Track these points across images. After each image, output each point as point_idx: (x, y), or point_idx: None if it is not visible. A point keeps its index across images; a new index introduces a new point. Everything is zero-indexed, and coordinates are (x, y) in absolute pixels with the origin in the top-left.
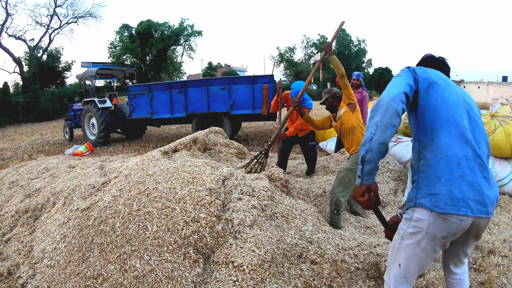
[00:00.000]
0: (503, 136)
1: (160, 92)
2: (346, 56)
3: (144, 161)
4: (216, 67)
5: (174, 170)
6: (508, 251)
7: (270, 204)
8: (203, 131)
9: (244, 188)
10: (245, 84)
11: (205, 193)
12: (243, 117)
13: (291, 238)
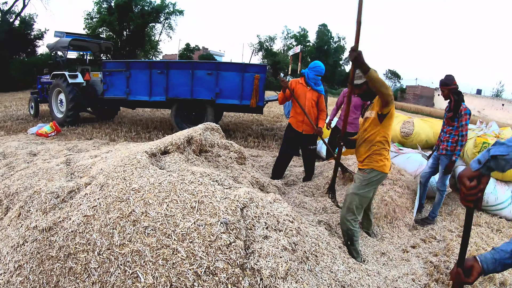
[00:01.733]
0: None
1: (139, 72)
2: (325, 51)
3: (126, 166)
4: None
5: (170, 188)
6: None
7: (299, 240)
8: (198, 128)
9: (269, 220)
10: (234, 72)
11: (220, 228)
12: (228, 107)
13: (325, 286)
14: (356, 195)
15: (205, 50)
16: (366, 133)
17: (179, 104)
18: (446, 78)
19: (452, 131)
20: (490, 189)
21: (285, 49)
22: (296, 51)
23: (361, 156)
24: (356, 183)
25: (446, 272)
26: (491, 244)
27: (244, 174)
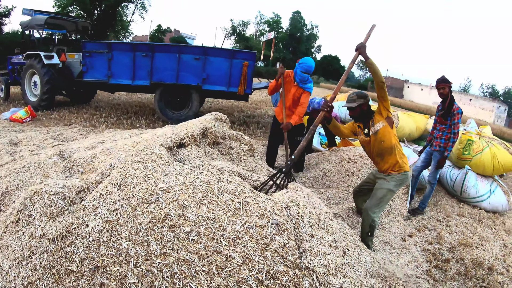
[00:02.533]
0: (488, 157)
1: (122, 54)
2: (298, 38)
3: (145, 162)
4: (165, 31)
5: (206, 187)
6: (502, 268)
7: (338, 236)
8: (209, 119)
9: (312, 219)
10: (223, 58)
11: (272, 230)
12: (214, 94)
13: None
14: (390, 191)
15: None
16: (383, 144)
17: (164, 89)
18: (444, 76)
19: (445, 129)
20: (472, 182)
21: (258, 35)
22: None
23: (387, 164)
24: (390, 180)
25: (441, 258)
26: (476, 233)
27: (258, 167)
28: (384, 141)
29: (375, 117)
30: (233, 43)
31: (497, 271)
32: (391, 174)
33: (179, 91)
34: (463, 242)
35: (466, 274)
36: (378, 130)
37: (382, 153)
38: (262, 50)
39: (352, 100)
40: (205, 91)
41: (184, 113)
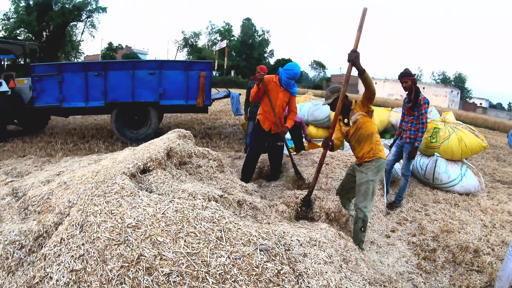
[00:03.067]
0: (456, 142)
1: (73, 75)
2: (250, 45)
3: (107, 194)
4: (116, 48)
5: (180, 217)
6: (488, 248)
7: (334, 252)
8: (172, 137)
9: (300, 236)
10: (179, 70)
11: (262, 257)
12: (173, 108)
13: None
14: (372, 181)
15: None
16: (362, 131)
17: (120, 108)
18: (406, 70)
19: (414, 120)
20: (442, 169)
21: (210, 44)
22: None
23: (366, 152)
24: (367, 172)
25: (428, 249)
26: (455, 217)
27: (231, 184)
28: (362, 128)
29: (356, 108)
30: (186, 55)
31: (483, 252)
32: (366, 164)
33: (136, 109)
34: (445, 229)
35: (454, 261)
36: (357, 119)
37: (360, 140)
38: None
39: (327, 97)
40: (163, 107)
41: (143, 131)
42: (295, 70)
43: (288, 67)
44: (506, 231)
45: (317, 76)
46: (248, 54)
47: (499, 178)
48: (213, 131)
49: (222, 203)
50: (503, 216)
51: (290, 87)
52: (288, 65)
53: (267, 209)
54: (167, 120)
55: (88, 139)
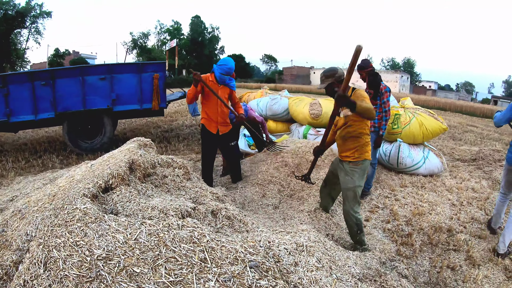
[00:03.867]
0: (417, 126)
1: (19, 86)
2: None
3: (68, 223)
4: (64, 54)
5: (156, 242)
6: (460, 226)
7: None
8: (133, 148)
9: (286, 243)
10: (131, 73)
11: (253, 274)
12: (127, 114)
13: None
14: (359, 187)
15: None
16: (351, 129)
17: (71, 118)
18: (362, 62)
19: (376, 109)
20: (406, 153)
21: (160, 44)
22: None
23: (350, 150)
24: (353, 176)
25: (404, 234)
26: (424, 200)
27: (201, 192)
28: (351, 126)
29: None
30: (136, 56)
31: (456, 230)
32: (351, 165)
33: (89, 118)
34: (416, 212)
35: (431, 242)
36: (348, 116)
37: (346, 137)
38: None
39: (322, 81)
40: (117, 113)
41: (98, 141)
42: (229, 65)
43: (221, 63)
44: (474, 208)
45: (268, 70)
46: (199, 52)
47: (458, 157)
48: (170, 133)
49: (196, 216)
50: (468, 193)
51: (227, 82)
52: (221, 60)
53: (242, 215)
54: (121, 126)
55: (40, 154)
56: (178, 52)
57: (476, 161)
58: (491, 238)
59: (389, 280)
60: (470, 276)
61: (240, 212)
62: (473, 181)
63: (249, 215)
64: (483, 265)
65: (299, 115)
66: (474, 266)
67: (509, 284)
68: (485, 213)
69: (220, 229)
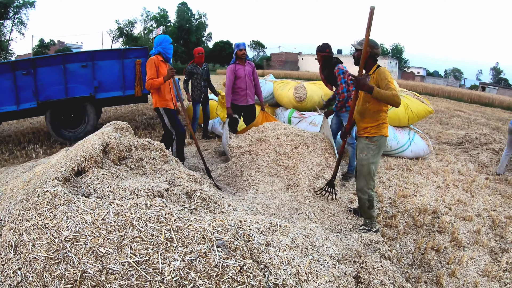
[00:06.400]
0: (402, 109)
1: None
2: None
3: (38, 206)
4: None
5: (123, 222)
6: (445, 208)
7: (298, 236)
8: (108, 131)
9: (258, 223)
10: (113, 60)
11: (220, 254)
12: (111, 101)
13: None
14: (373, 164)
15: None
16: (370, 106)
17: (54, 107)
18: (322, 45)
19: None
20: (391, 136)
21: (146, 32)
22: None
23: (368, 126)
24: (368, 152)
25: (388, 216)
26: (409, 182)
27: (177, 174)
28: (369, 103)
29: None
30: (122, 45)
31: (441, 212)
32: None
33: (72, 106)
34: (401, 194)
35: (415, 224)
36: None
37: (364, 113)
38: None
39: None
40: (100, 101)
41: (82, 129)
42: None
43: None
44: (459, 190)
45: (257, 56)
46: (186, 39)
47: (445, 140)
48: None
49: (169, 197)
50: (454, 176)
51: None
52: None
53: (219, 196)
54: (106, 114)
55: (24, 145)
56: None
57: (462, 145)
58: (477, 220)
59: (369, 261)
60: (455, 257)
61: (217, 193)
62: (459, 164)
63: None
64: (468, 246)
65: (284, 98)
66: (459, 247)
67: (494, 266)
68: (471, 195)
69: (194, 210)
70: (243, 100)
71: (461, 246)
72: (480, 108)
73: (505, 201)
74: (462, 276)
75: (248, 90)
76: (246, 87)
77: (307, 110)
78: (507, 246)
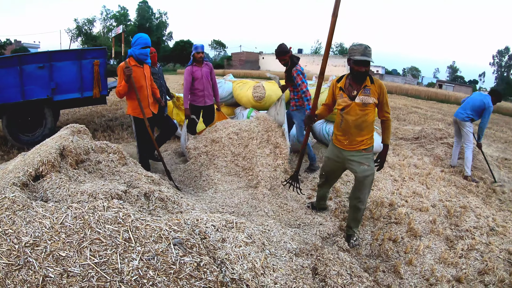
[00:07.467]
0: None
1: None
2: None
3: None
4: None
5: (81, 225)
6: (401, 200)
7: (254, 231)
8: (64, 134)
9: (215, 220)
10: (70, 60)
11: (177, 251)
12: (69, 103)
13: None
14: (374, 174)
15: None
16: (367, 117)
17: (11, 111)
18: (281, 47)
19: (294, 90)
20: None
21: (106, 31)
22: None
23: (364, 138)
24: (370, 163)
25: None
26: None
27: (136, 175)
28: (368, 115)
29: (372, 89)
30: (81, 44)
31: (397, 204)
32: (364, 152)
33: (29, 110)
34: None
35: (373, 217)
36: (370, 103)
37: (362, 127)
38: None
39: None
40: (58, 103)
41: (39, 133)
42: (143, 37)
43: (136, 40)
44: (415, 183)
45: (218, 56)
46: None
47: (402, 136)
48: (114, 122)
49: (128, 199)
50: (410, 170)
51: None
52: (135, 39)
53: (177, 197)
54: (64, 117)
55: None
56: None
57: (418, 140)
58: (432, 210)
59: (325, 254)
60: (411, 247)
61: (175, 193)
62: (415, 158)
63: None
64: (425, 236)
65: (243, 98)
66: (415, 237)
67: (450, 253)
68: (427, 187)
69: (152, 211)
70: (201, 101)
71: (417, 236)
72: (436, 105)
73: (460, 192)
74: (419, 264)
75: (206, 91)
76: (204, 88)
77: (265, 109)
78: (462, 234)
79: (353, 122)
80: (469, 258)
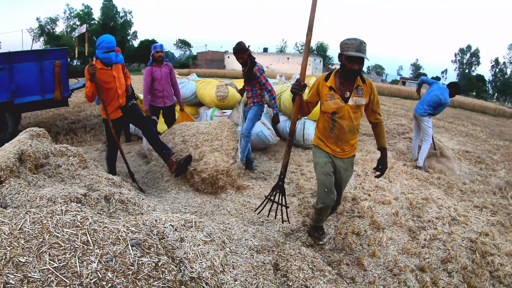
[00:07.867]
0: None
1: None
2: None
3: None
4: None
5: (40, 229)
6: (364, 194)
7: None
8: (23, 138)
9: (173, 220)
10: (31, 62)
11: (135, 252)
12: (30, 106)
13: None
14: None
15: None
16: (356, 122)
17: None
18: (240, 45)
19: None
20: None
21: (69, 30)
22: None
23: (350, 144)
24: (352, 168)
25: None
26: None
27: (96, 179)
28: (359, 118)
29: (365, 89)
30: (43, 44)
31: (360, 198)
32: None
33: None
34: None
35: (336, 211)
36: (362, 105)
37: (354, 130)
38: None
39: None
40: (18, 106)
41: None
42: (107, 40)
43: (99, 43)
44: None
45: (183, 55)
46: None
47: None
48: (77, 125)
49: (87, 202)
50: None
51: (114, 60)
52: (98, 42)
53: (139, 198)
54: (26, 120)
55: None
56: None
57: None
58: (395, 203)
59: (286, 249)
60: (375, 239)
61: (137, 195)
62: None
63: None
64: (388, 228)
65: (206, 97)
66: (378, 230)
67: (413, 243)
68: (389, 181)
69: (113, 214)
70: (161, 101)
71: (380, 228)
72: (400, 101)
73: (421, 184)
74: (382, 256)
75: (165, 92)
76: (163, 89)
77: (229, 108)
78: (424, 225)
79: (348, 127)
80: (432, 247)
